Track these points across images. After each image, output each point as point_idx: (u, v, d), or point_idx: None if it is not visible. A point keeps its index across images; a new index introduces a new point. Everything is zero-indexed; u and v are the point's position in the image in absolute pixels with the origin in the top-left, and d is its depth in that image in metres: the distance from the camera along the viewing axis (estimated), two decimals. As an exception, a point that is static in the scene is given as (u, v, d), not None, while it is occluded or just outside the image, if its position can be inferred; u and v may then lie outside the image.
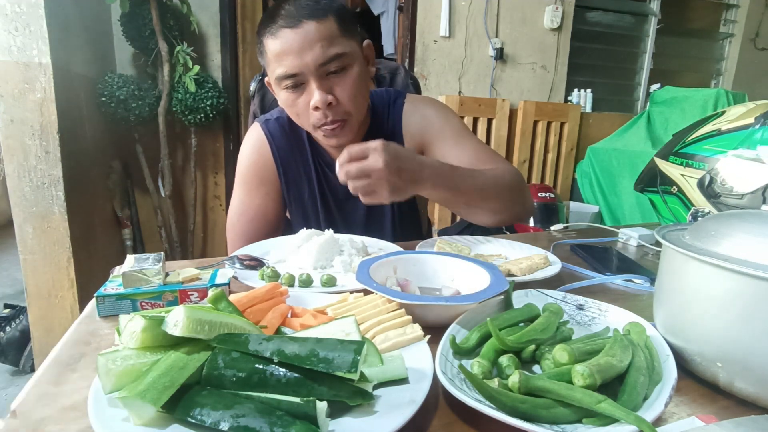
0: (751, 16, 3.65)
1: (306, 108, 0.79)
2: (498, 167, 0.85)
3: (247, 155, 0.96)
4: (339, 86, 0.79)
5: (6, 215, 1.90)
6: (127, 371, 0.35)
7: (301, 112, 0.81)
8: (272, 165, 0.95)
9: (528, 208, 0.88)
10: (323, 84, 0.77)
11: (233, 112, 2.57)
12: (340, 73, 0.78)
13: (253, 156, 0.95)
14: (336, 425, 0.34)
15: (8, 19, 1.70)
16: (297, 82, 0.77)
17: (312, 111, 0.79)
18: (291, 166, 0.95)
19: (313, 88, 0.77)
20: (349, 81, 0.79)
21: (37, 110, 1.78)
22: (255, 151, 0.95)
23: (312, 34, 0.74)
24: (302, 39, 0.74)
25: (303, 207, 0.98)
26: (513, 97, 3.12)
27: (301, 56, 0.75)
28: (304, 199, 0.97)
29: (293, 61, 0.75)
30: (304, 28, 0.74)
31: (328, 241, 0.73)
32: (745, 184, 1.01)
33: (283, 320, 0.48)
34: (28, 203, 1.84)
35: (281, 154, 0.95)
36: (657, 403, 0.37)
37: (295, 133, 0.95)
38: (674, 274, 0.46)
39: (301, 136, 0.95)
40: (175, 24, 2.22)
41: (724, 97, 2.67)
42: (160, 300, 0.55)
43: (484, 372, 0.41)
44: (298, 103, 0.80)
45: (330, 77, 0.78)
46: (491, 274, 0.57)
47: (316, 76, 0.76)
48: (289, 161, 0.95)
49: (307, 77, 0.77)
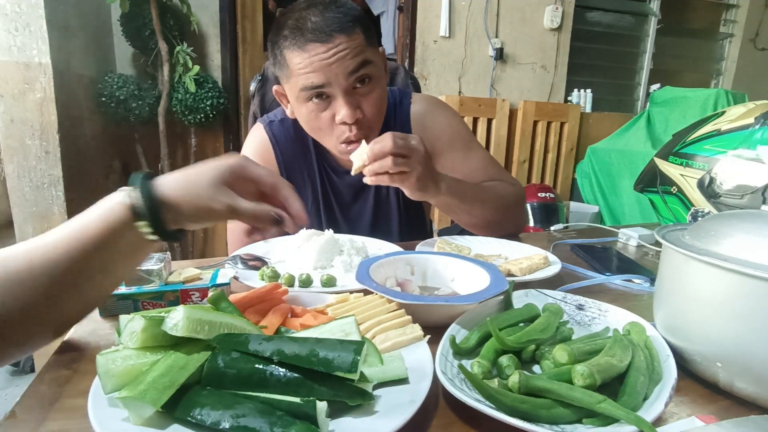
0: (751, 16, 3.65)
1: (330, 122, 0.78)
2: (504, 183, 0.89)
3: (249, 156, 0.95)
4: (366, 101, 0.79)
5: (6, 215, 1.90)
6: (127, 371, 0.35)
7: (324, 126, 0.79)
8: (275, 168, 0.94)
9: (520, 226, 0.91)
10: (351, 99, 0.76)
11: (233, 112, 2.57)
12: (366, 85, 0.78)
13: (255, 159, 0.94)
14: (336, 425, 0.34)
15: (8, 19, 1.70)
16: (321, 93, 0.76)
17: (338, 125, 0.78)
18: (295, 171, 0.94)
19: (341, 103, 0.76)
20: (375, 95, 0.79)
21: (37, 110, 1.78)
22: (258, 154, 0.93)
23: (342, 48, 0.73)
24: (333, 53, 0.72)
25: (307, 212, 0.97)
26: (513, 97, 3.12)
27: (332, 69, 0.73)
28: (308, 205, 0.96)
29: (322, 75, 0.73)
30: (335, 42, 0.72)
31: (328, 241, 0.73)
32: (745, 184, 1.01)
33: (283, 320, 0.48)
34: (28, 203, 1.84)
35: (285, 158, 0.93)
36: (657, 403, 0.37)
37: (300, 137, 0.93)
38: (674, 274, 0.46)
39: (305, 140, 0.93)
40: (175, 24, 2.22)
41: (724, 97, 2.67)
42: (162, 300, 0.55)
43: (484, 372, 0.41)
44: (321, 117, 0.78)
45: (357, 91, 0.78)
46: (491, 274, 0.57)
47: (343, 90, 0.75)
48: (293, 165, 0.94)
49: (335, 91, 0.75)
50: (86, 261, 0.43)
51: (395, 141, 0.65)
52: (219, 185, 0.45)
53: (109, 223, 0.43)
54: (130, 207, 0.43)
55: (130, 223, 0.43)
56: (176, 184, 0.45)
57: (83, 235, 0.43)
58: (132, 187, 0.44)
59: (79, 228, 0.43)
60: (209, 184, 0.45)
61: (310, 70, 0.73)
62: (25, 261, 0.41)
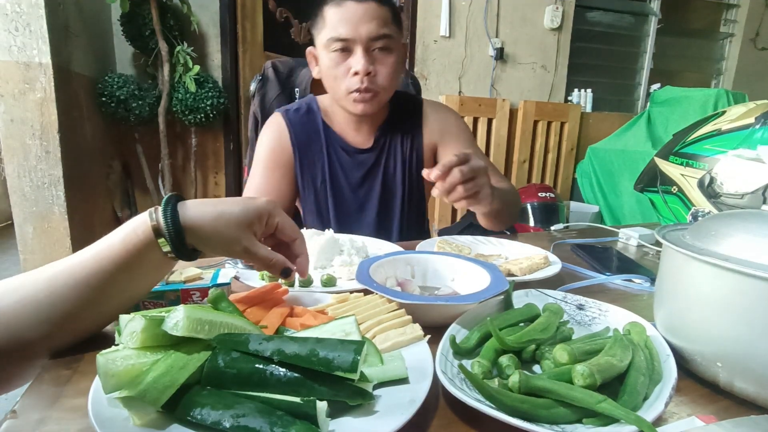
0: (751, 16, 3.65)
1: (346, 72, 0.88)
2: (505, 184, 0.98)
3: (267, 140, 1.02)
4: (380, 63, 0.89)
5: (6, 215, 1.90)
6: (127, 371, 0.35)
7: (340, 75, 0.89)
8: (290, 151, 1.00)
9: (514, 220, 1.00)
10: (367, 56, 0.87)
11: (233, 112, 2.57)
12: (383, 52, 0.89)
13: (272, 141, 1.01)
14: (336, 425, 0.34)
15: (8, 19, 1.70)
16: (345, 47, 0.87)
17: (351, 76, 0.88)
18: (306, 153, 1.01)
19: (358, 56, 0.86)
20: (389, 61, 0.90)
21: (37, 110, 1.78)
22: (275, 137, 1.01)
23: (372, 11, 0.85)
24: (363, 12, 0.85)
25: (315, 193, 1.02)
26: (513, 97, 3.12)
27: (358, 26, 0.85)
28: (317, 185, 1.02)
29: (349, 29, 0.85)
30: (368, 4, 0.86)
31: (328, 241, 0.73)
32: (745, 184, 1.01)
33: (283, 320, 0.48)
34: (28, 203, 1.84)
35: (298, 140, 1.00)
36: (657, 403, 0.37)
37: (313, 122, 1.02)
38: (674, 274, 0.46)
39: (317, 124, 1.01)
40: (175, 24, 2.22)
41: (724, 97, 2.67)
42: (162, 299, 0.55)
43: (484, 372, 0.41)
44: (339, 67, 0.88)
45: (374, 53, 0.88)
46: (491, 274, 0.57)
47: (364, 46, 0.86)
48: (305, 147, 1.01)
49: (356, 45, 0.86)
50: (109, 280, 0.45)
51: (462, 170, 0.70)
52: (244, 228, 0.47)
53: (131, 242, 0.45)
54: (153, 228, 0.44)
55: (153, 244, 0.45)
56: (203, 216, 0.46)
57: (108, 255, 0.45)
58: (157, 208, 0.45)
59: (104, 248, 0.45)
60: (235, 225, 0.46)
61: (341, 23, 0.85)
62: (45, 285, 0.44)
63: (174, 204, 0.45)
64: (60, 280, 0.44)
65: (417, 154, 1.04)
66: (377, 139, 1.02)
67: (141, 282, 0.49)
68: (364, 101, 0.90)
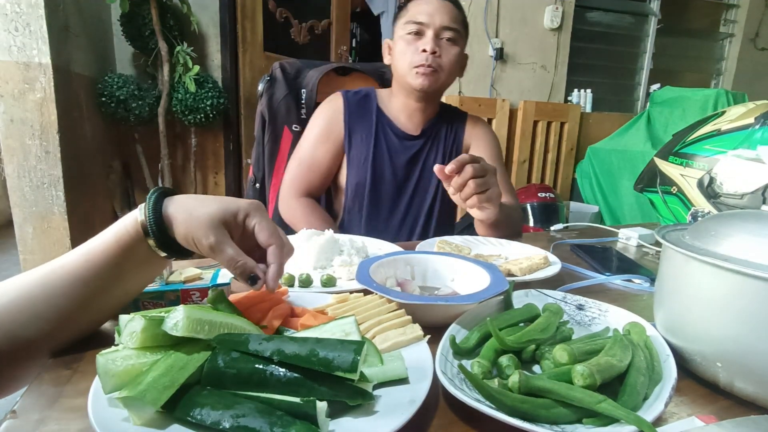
0: (751, 16, 3.64)
1: (415, 50, 1.02)
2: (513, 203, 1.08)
3: (323, 113, 1.13)
4: (445, 49, 1.03)
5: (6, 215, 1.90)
6: (127, 371, 0.35)
7: (409, 52, 1.03)
8: (341, 127, 1.11)
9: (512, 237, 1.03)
10: (436, 41, 1.02)
11: (233, 112, 2.57)
12: (449, 42, 1.03)
13: (327, 115, 1.12)
14: (336, 425, 0.34)
15: (8, 19, 1.70)
16: (419, 30, 1.01)
17: (419, 53, 1.01)
18: (357, 130, 1.12)
19: (428, 38, 1.01)
20: (453, 51, 1.04)
21: (37, 110, 1.78)
22: (331, 113, 1.12)
23: (447, 8, 1.02)
24: (440, 5, 1.02)
25: (357, 169, 1.11)
26: (513, 97, 3.12)
27: (433, 15, 1.01)
28: (360, 162, 1.11)
29: (425, 16, 1.01)
30: (446, 4, 1.03)
31: (328, 241, 0.73)
32: (745, 184, 1.01)
33: (283, 320, 0.48)
34: (28, 203, 1.84)
35: (351, 119, 1.11)
36: (657, 403, 0.37)
37: (368, 105, 1.14)
38: (674, 274, 0.46)
39: (371, 107, 1.13)
40: (175, 24, 2.22)
41: (724, 97, 2.67)
42: (162, 300, 0.55)
43: (484, 372, 0.41)
44: (410, 47, 1.03)
45: (442, 41, 1.02)
46: (491, 274, 0.57)
47: (434, 32, 1.01)
48: (356, 126, 1.12)
49: (428, 30, 1.01)
50: (102, 276, 0.45)
51: (474, 167, 0.75)
52: (216, 225, 0.45)
53: (122, 238, 0.45)
54: (141, 223, 0.45)
55: (142, 239, 0.45)
56: (183, 207, 0.45)
57: (101, 251, 0.45)
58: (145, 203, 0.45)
59: (98, 245, 0.45)
60: (207, 221, 0.45)
61: (419, 12, 1.02)
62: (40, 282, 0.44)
63: (157, 198, 0.45)
64: (54, 277, 0.44)
65: (457, 152, 1.14)
66: (425, 130, 1.13)
67: (134, 278, 0.49)
68: (426, 75, 1.01)
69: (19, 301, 0.43)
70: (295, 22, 2.90)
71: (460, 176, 0.75)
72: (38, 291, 0.44)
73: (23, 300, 0.43)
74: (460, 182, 0.75)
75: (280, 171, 1.27)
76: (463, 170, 0.75)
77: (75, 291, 0.44)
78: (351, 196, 1.11)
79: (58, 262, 0.45)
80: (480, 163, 0.76)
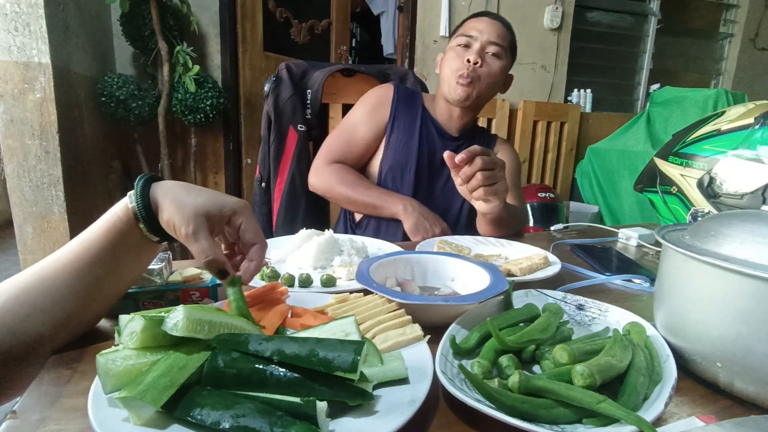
0: (751, 16, 3.65)
1: (461, 59, 1.08)
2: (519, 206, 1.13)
3: (373, 95, 1.19)
4: (487, 63, 1.09)
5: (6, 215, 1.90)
6: (127, 371, 0.35)
7: (455, 61, 1.09)
8: (387, 111, 1.16)
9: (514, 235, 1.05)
10: (481, 53, 1.08)
11: (233, 112, 2.57)
12: (493, 57, 1.09)
13: (377, 97, 1.18)
14: (336, 425, 0.34)
15: (8, 19, 1.70)
16: (467, 42, 1.09)
17: (462, 62, 1.08)
18: (402, 118, 1.17)
19: (473, 50, 1.08)
20: (495, 65, 1.10)
21: (37, 110, 1.78)
22: (380, 96, 1.18)
23: (498, 28, 1.10)
24: (490, 24, 1.10)
25: (396, 150, 1.15)
26: (513, 97, 3.12)
27: (483, 32, 1.08)
28: (400, 147, 1.15)
29: (476, 31, 1.09)
30: (497, 24, 1.11)
31: (327, 240, 0.73)
32: (745, 184, 1.01)
33: (283, 320, 0.48)
34: (28, 203, 1.84)
35: (398, 107, 1.17)
36: (657, 403, 0.37)
37: (415, 100, 1.20)
38: (674, 274, 0.46)
39: (418, 104, 1.19)
40: (175, 24, 2.22)
41: (724, 97, 2.67)
42: (162, 299, 0.55)
43: (484, 372, 0.41)
44: (457, 57, 1.09)
45: (486, 55, 1.08)
46: (491, 274, 0.57)
47: (480, 46, 1.08)
48: (402, 114, 1.17)
49: (475, 43, 1.08)
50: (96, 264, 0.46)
51: (484, 159, 0.76)
52: (199, 216, 0.46)
53: (115, 225, 0.46)
54: (132, 208, 0.46)
55: (132, 224, 0.46)
56: (169, 193, 0.46)
57: (94, 239, 0.46)
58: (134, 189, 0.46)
59: (91, 233, 0.46)
60: (194, 207, 0.46)
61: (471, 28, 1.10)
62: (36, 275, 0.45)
63: (145, 183, 0.46)
64: (51, 270, 0.45)
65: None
66: (462, 134, 1.18)
67: (130, 265, 0.49)
68: (464, 86, 1.07)
69: (18, 295, 0.44)
70: (295, 22, 2.90)
71: (470, 167, 0.76)
72: (36, 284, 0.44)
73: (22, 294, 0.44)
74: (469, 173, 0.76)
75: (285, 170, 1.29)
76: (473, 161, 0.76)
77: (72, 281, 0.45)
78: (384, 179, 1.14)
79: (54, 256, 0.46)
80: (490, 156, 0.77)
